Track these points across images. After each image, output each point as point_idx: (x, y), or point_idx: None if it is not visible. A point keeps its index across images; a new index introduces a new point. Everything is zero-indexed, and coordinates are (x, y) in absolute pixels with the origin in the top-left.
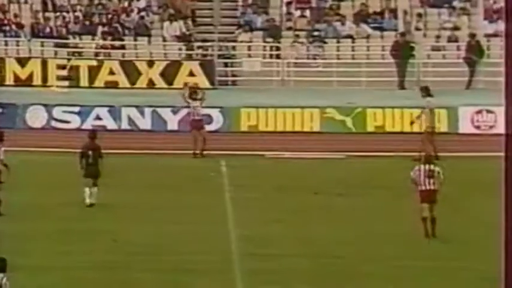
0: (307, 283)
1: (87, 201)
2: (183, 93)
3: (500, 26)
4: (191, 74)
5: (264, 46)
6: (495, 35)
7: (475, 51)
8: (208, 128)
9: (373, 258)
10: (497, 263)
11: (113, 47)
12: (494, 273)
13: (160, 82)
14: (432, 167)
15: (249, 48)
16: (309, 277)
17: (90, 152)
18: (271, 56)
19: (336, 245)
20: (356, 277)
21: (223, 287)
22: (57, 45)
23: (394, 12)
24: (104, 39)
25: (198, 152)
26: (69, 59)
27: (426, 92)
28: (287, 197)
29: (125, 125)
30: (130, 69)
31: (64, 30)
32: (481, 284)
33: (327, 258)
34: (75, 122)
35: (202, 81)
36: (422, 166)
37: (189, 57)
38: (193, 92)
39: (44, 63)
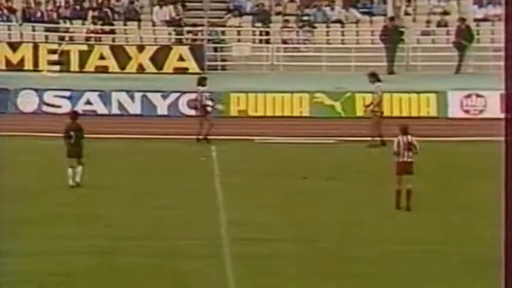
0: (298, 267)
1: (70, 182)
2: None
3: (490, 10)
4: (181, 58)
5: (254, 31)
6: (485, 19)
7: (464, 36)
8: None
9: (363, 243)
10: (485, 246)
11: (103, 32)
12: (483, 256)
13: (150, 67)
14: (410, 138)
15: (239, 33)
16: (299, 261)
17: (72, 133)
18: (260, 41)
19: (325, 230)
20: (346, 261)
21: (214, 272)
22: (48, 29)
23: None
24: (94, 23)
25: (201, 137)
26: (60, 44)
27: (375, 77)
28: (277, 181)
29: (115, 109)
30: (120, 54)
31: (55, 15)
32: (470, 268)
33: (317, 243)
34: (66, 106)
35: (191, 66)
36: (401, 138)
37: (179, 42)
38: (202, 78)
39: (36, 48)
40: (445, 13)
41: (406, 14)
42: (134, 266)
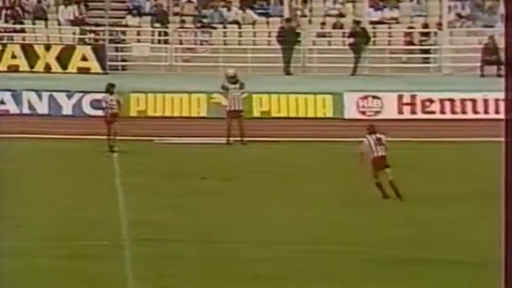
0: (197, 268)
1: None
2: None
3: (386, 13)
4: (84, 58)
5: (153, 31)
6: (380, 22)
7: (360, 38)
8: (100, 113)
9: (262, 243)
10: (384, 246)
11: (15, 31)
12: (383, 256)
13: (56, 66)
14: (378, 135)
15: (138, 33)
16: (198, 262)
17: None
18: (159, 41)
19: (225, 230)
20: (246, 262)
21: (115, 273)
22: None
23: None
24: (7, 22)
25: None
26: None
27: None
28: (176, 182)
29: (25, 109)
30: (29, 53)
31: None
32: (362, 266)
33: (216, 244)
34: None
35: (94, 66)
36: (369, 136)
37: (83, 42)
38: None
39: None
40: (341, 15)
41: (303, 15)
42: (44, 267)
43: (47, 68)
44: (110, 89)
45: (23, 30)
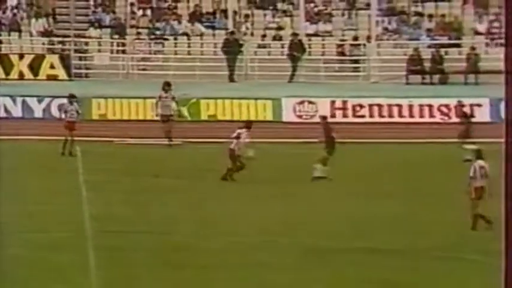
0: (152, 258)
1: None
2: None
3: (320, 26)
4: (52, 66)
5: (112, 42)
6: (315, 34)
7: (297, 49)
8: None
9: (212, 235)
10: (320, 237)
11: None
12: (319, 246)
13: (28, 74)
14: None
15: (99, 43)
16: (153, 253)
17: None
18: (117, 51)
19: (176, 223)
20: (198, 252)
21: (79, 262)
22: None
23: (224, 12)
24: None
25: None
26: None
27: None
28: (132, 179)
29: (2, 113)
30: (5, 62)
31: None
32: (306, 256)
33: (170, 235)
34: None
35: (61, 73)
36: (244, 131)
37: (51, 51)
38: (72, 95)
39: None
40: (280, 28)
41: (246, 28)
42: (14, 258)
43: (21, 76)
44: (70, 99)
45: (0, 41)
